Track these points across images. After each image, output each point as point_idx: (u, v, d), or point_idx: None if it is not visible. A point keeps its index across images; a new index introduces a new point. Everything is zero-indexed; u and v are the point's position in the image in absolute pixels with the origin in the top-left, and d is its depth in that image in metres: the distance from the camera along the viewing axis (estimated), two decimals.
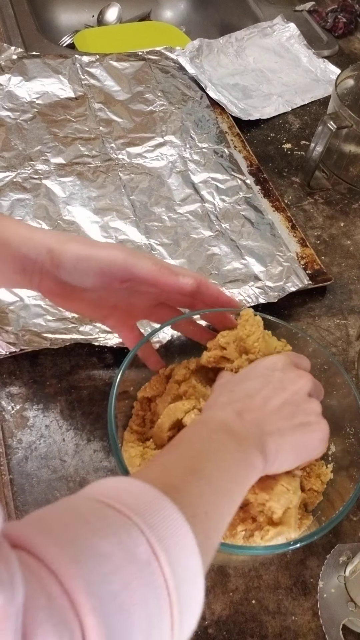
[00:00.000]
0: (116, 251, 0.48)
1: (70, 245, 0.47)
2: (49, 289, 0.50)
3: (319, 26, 1.13)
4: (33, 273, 0.48)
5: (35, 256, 0.47)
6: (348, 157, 0.84)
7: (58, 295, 0.50)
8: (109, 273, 0.47)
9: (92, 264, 0.47)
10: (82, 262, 0.47)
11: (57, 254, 0.46)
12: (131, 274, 0.48)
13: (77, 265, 0.47)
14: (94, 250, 0.47)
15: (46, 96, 0.86)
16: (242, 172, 0.82)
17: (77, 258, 0.47)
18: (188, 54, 0.96)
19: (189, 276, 0.50)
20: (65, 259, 0.47)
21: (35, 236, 0.47)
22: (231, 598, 0.51)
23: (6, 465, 0.56)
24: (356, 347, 0.69)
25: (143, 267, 0.48)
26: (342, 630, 0.49)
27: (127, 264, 0.47)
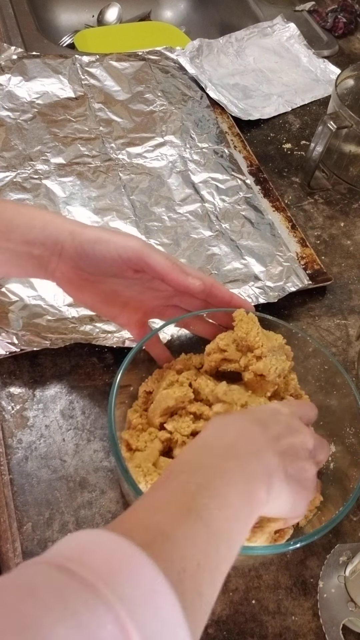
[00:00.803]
0: (134, 240, 0.50)
1: (90, 229, 0.49)
2: (64, 276, 0.50)
3: (319, 26, 1.13)
4: (52, 256, 0.49)
5: (56, 236, 0.48)
6: (348, 157, 0.84)
7: (73, 283, 0.51)
8: (125, 259, 0.49)
9: (110, 247, 0.48)
10: (101, 244, 0.48)
11: (78, 235, 0.48)
12: (145, 263, 0.49)
13: (96, 247, 0.48)
14: (113, 236, 0.49)
15: (46, 96, 0.86)
16: (242, 172, 0.82)
17: (96, 240, 0.48)
18: (188, 54, 0.96)
19: (198, 278, 0.51)
20: (85, 240, 0.48)
21: (58, 219, 0.49)
22: (231, 598, 0.51)
23: (6, 465, 0.56)
24: (356, 347, 0.69)
25: (156, 259, 0.49)
26: (342, 630, 0.49)
27: (143, 252, 0.49)
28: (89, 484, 0.56)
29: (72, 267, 0.50)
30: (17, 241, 0.48)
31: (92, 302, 0.54)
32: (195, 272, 0.52)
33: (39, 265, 0.50)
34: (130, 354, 0.52)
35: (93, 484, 0.56)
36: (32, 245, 0.48)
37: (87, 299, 0.53)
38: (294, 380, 0.57)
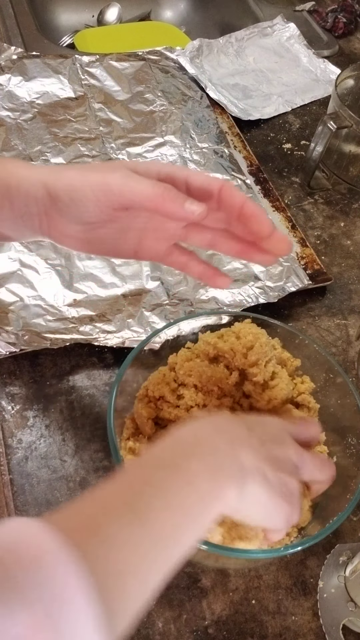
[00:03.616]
0: (113, 175, 0.42)
1: (64, 174, 0.42)
2: (60, 233, 0.45)
3: (319, 26, 1.13)
4: (38, 215, 0.44)
5: (33, 193, 0.42)
6: (348, 157, 0.84)
7: (72, 237, 0.45)
8: (106, 201, 0.42)
9: (87, 191, 0.41)
10: (77, 191, 0.42)
11: (53, 187, 0.42)
12: (129, 200, 0.42)
13: (73, 195, 0.42)
14: (87, 176, 0.42)
15: (46, 96, 0.86)
16: (242, 172, 0.82)
17: (71, 188, 0.42)
18: (188, 54, 0.96)
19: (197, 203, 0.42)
20: (61, 191, 0.42)
21: (32, 173, 0.43)
22: (231, 598, 0.51)
23: (6, 465, 0.56)
24: (356, 347, 0.69)
25: (140, 191, 0.41)
26: (342, 630, 0.49)
27: (123, 189, 0.41)
28: (89, 484, 0.56)
29: (62, 221, 0.44)
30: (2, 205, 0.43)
31: (104, 248, 0.47)
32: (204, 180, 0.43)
33: (31, 227, 0.44)
34: (131, 354, 0.52)
35: (93, 484, 0.56)
36: (14, 205, 0.43)
37: (96, 249, 0.46)
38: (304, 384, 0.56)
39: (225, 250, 0.47)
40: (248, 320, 0.57)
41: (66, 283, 0.66)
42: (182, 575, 0.52)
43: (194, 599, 0.51)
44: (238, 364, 0.54)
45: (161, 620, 0.50)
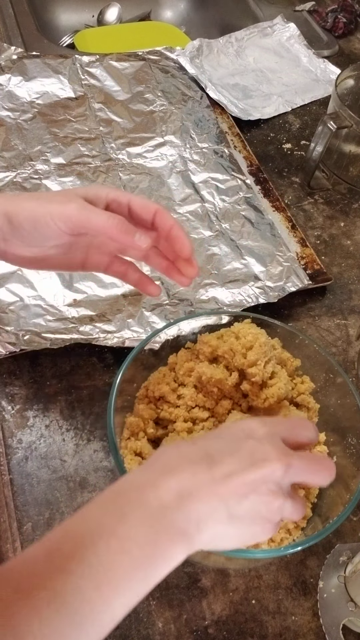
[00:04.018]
0: (70, 205, 0.45)
1: (25, 204, 0.45)
2: (16, 257, 0.48)
3: (319, 26, 1.13)
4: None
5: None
6: (348, 157, 0.84)
7: (27, 260, 0.49)
8: (67, 230, 0.45)
9: (49, 222, 0.45)
10: (39, 222, 0.45)
11: (15, 217, 0.45)
12: (87, 229, 0.46)
13: (36, 225, 0.45)
14: (48, 206, 0.45)
15: (46, 96, 0.86)
16: (242, 172, 0.82)
17: (33, 219, 0.45)
18: (188, 54, 0.96)
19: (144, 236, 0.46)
20: (24, 221, 0.45)
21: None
22: (231, 598, 0.51)
23: (6, 465, 0.56)
24: (356, 347, 0.69)
25: (97, 222, 0.45)
26: (342, 630, 0.49)
27: (81, 219, 0.45)
28: (89, 484, 0.56)
29: (19, 245, 0.47)
30: None
31: (55, 265, 0.51)
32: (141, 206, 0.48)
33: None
34: (131, 354, 0.52)
35: (93, 484, 0.56)
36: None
37: (49, 265, 0.50)
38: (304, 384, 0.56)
39: (153, 265, 0.53)
40: (248, 320, 0.57)
41: (66, 283, 0.66)
42: (182, 575, 0.52)
43: (194, 599, 0.51)
44: (237, 364, 0.54)
45: (161, 620, 0.50)
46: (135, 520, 0.33)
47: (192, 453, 0.37)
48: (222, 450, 0.38)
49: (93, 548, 0.32)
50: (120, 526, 0.33)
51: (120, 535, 0.33)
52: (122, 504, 0.34)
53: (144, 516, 0.33)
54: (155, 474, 0.36)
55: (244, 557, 0.46)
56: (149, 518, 0.33)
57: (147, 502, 0.34)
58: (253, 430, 0.40)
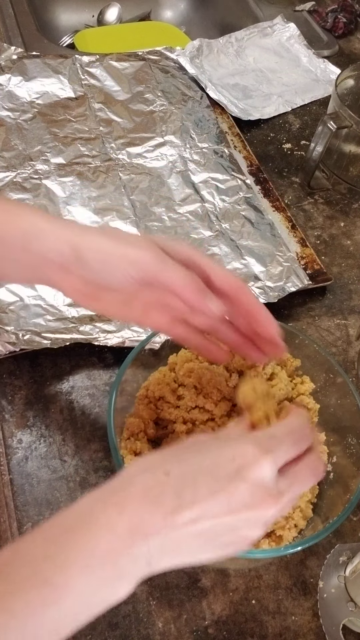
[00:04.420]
0: (145, 252, 0.42)
1: (98, 240, 0.43)
2: (73, 288, 0.45)
3: (319, 26, 1.13)
4: (56, 270, 0.44)
5: (57, 249, 0.42)
6: (348, 157, 0.84)
7: (83, 294, 0.45)
8: (138, 278, 0.43)
9: (120, 266, 0.42)
10: (110, 263, 0.42)
11: (81, 250, 0.42)
12: (159, 282, 0.43)
13: (104, 267, 0.43)
14: (121, 248, 0.43)
15: (46, 96, 0.86)
16: (242, 172, 0.82)
17: (104, 258, 0.42)
18: (188, 54, 0.96)
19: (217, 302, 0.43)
20: (91, 257, 0.42)
21: (56, 228, 0.43)
22: (231, 598, 0.51)
23: (6, 465, 0.56)
24: (356, 347, 0.69)
25: (173, 279, 0.42)
26: (342, 630, 0.49)
27: (156, 270, 0.42)
28: (89, 484, 0.56)
29: (79, 281, 0.44)
30: (14, 248, 0.43)
31: (108, 309, 0.47)
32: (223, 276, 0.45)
33: (41, 277, 0.45)
34: (131, 354, 0.52)
35: (93, 484, 0.56)
36: (31, 254, 0.43)
37: (101, 305, 0.47)
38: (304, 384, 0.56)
39: (222, 339, 0.49)
40: None
41: None
42: (182, 575, 0.52)
43: (194, 599, 0.51)
44: (237, 365, 0.54)
45: (161, 620, 0.50)
46: (77, 570, 0.31)
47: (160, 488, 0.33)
48: (198, 488, 0.33)
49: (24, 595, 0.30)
50: (58, 576, 0.31)
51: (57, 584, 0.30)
52: (66, 546, 0.31)
53: (88, 565, 0.31)
54: (111, 509, 0.32)
55: (244, 557, 0.46)
56: (93, 567, 0.31)
57: (95, 545, 0.31)
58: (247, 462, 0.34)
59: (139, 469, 0.35)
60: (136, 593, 0.50)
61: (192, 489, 0.33)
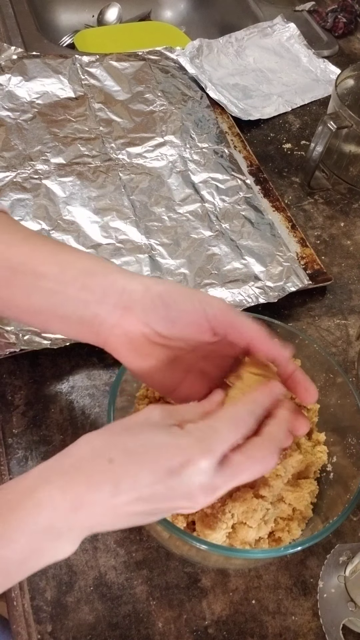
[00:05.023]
0: (218, 298, 0.43)
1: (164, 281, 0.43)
2: (125, 334, 0.42)
3: (319, 26, 1.13)
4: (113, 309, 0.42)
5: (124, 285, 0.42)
6: (348, 157, 0.84)
7: (133, 344, 0.43)
8: (211, 316, 0.42)
9: (195, 301, 0.41)
10: (185, 296, 0.42)
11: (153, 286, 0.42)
12: (230, 324, 0.42)
13: (179, 299, 0.41)
14: (195, 291, 0.43)
15: (46, 96, 0.86)
16: (242, 172, 0.82)
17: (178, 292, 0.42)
18: (188, 54, 0.96)
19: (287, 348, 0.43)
20: (164, 291, 0.41)
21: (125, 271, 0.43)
22: (231, 598, 0.51)
23: (6, 465, 0.56)
24: (356, 347, 0.69)
25: (245, 321, 0.42)
26: (342, 630, 0.49)
27: (230, 312, 0.42)
28: None
29: (139, 323, 0.42)
30: (69, 282, 0.41)
31: (151, 370, 0.44)
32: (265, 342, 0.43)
33: (90, 320, 0.42)
34: None
35: None
36: (89, 290, 0.41)
37: (146, 364, 0.44)
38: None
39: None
40: None
41: None
42: (182, 575, 0.52)
43: (194, 599, 0.51)
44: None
45: (161, 620, 0.50)
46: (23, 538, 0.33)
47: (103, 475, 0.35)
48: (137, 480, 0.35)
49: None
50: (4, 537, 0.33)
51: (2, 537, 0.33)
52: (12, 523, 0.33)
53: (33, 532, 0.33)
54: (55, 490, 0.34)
55: (244, 557, 0.46)
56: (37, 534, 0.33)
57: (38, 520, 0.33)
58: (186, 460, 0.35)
59: (87, 451, 0.36)
60: (136, 593, 0.51)
61: (132, 480, 0.35)
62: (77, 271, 0.42)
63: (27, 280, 0.42)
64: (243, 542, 0.47)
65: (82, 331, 0.44)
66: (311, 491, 0.52)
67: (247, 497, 0.46)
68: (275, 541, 0.49)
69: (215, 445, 0.36)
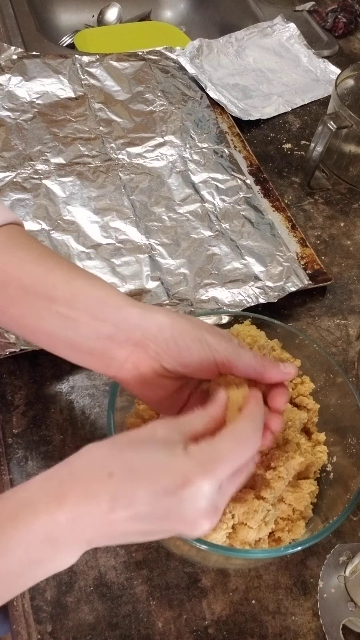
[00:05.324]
0: (225, 340, 0.43)
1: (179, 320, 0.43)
2: (135, 367, 0.43)
3: (319, 26, 1.13)
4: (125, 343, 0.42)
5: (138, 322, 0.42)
6: (348, 157, 0.84)
7: (141, 377, 0.43)
8: (219, 361, 0.42)
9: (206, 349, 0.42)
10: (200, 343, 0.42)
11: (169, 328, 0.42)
12: (234, 367, 0.43)
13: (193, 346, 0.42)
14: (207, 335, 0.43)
15: (46, 96, 0.86)
16: (242, 172, 0.82)
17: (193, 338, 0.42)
18: (188, 54, 0.96)
19: (290, 365, 0.44)
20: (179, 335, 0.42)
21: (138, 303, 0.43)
22: (231, 598, 0.51)
23: (6, 465, 0.56)
24: (356, 347, 0.69)
25: (247, 361, 0.43)
26: (342, 630, 0.49)
27: (235, 357, 0.42)
28: None
29: (151, 360, 0.42)
30: (81, 310, 0.42)
31: (159, 399, 0.45)
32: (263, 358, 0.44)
33: (101, 353, 0.42)
34: None
35: None
36: (102, 321, 0.42)
37: (155, 394, 0.44)
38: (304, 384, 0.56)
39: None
40: (247, 322, 0.57)
41: None
42: (182, 575, 0.52)
43: (194, 599, 0.51)
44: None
45: (161, 620, 0.50)
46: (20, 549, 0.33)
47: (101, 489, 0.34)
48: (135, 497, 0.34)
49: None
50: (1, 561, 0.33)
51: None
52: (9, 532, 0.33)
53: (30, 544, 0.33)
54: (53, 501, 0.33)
55: (244, 557, 0.46)
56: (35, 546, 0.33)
57: (37, 531, 0.33)
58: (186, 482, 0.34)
59: (87, 462, 0.36)
60: (136, 593, 0.51)
61: (129, 497, 0.34)
62: (90, 299, 0.42)
63: (39, 303, 0.42)
64: (243, 542, 0.47)
65: (92, 361, 0.44)
66: (311, 492, 0.52)
67: (248, 498, 0.46)
68: (275, 541, 0.49)
69: (219, 471, 0.35)
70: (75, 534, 0.34)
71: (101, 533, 0.34)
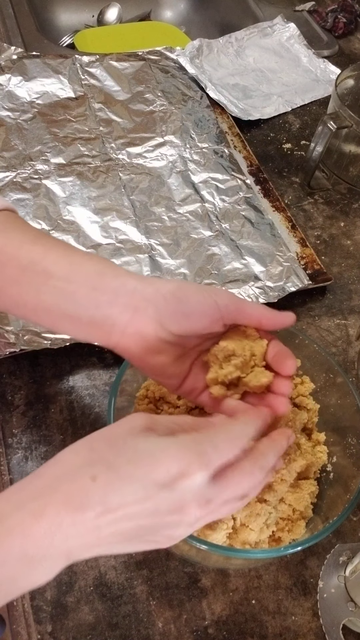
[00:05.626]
0: (224, 291, 0.44)
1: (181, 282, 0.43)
2: (137, 334, 0.42)
3: (319, 26, 1.13)
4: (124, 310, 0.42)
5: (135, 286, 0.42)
6: (348, 157, 0.84)
7: (144, 342, 0.42)
8: (223, 306, 0.43)
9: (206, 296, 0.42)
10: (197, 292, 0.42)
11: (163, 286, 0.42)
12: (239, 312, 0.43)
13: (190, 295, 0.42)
14: (202, 286, 0.44)
15: (46, 96, 0.86)
16: (242, 172, 0.82)
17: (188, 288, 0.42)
18: (188, 54, 0.96)
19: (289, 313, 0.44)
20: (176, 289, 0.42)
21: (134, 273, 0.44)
22: (231, 598, 0.51)
23: (6, 465, 0.56)
24: (356, 347, 0.69)
25: (252, 305, 0.44)
26: (342, 630, 0.49)
27: (238, 301, 0.44)
28: None
29: (152, 322, 0.42)
30: (79, 282, 0.42)
31: (162, 367, 0.44)
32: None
33: (102, 321, 0.42)
34: None
35: None
36: (100, 291, 0.42)
37: (157, 362, 0.43)
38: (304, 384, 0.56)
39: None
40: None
41: None
42: (182, 575, 0.52)
43: (194, 599, 0.51)
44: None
45: (161, 620, 0.50)
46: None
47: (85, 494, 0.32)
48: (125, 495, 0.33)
49: None
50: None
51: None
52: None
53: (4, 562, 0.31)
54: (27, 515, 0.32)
55: (244, 557, 0.46)
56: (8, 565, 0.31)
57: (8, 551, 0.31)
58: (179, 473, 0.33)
59: (65, 469, 0.34)
60: (136, 593, 0.51)
61: (119, 496, 0.32)
62: (87, 272, 0.42)
63: (38, 278, 0.42)
64: (244, 542, 0.47)
65: (92, 332, 0.43)
66: (311, 492, 0.52)
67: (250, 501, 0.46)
68: (275, 541, 0.49)
69: (212, 461, 0.35)
70: (54, 547, 0.32)
71: (85, 542, 0.32)
